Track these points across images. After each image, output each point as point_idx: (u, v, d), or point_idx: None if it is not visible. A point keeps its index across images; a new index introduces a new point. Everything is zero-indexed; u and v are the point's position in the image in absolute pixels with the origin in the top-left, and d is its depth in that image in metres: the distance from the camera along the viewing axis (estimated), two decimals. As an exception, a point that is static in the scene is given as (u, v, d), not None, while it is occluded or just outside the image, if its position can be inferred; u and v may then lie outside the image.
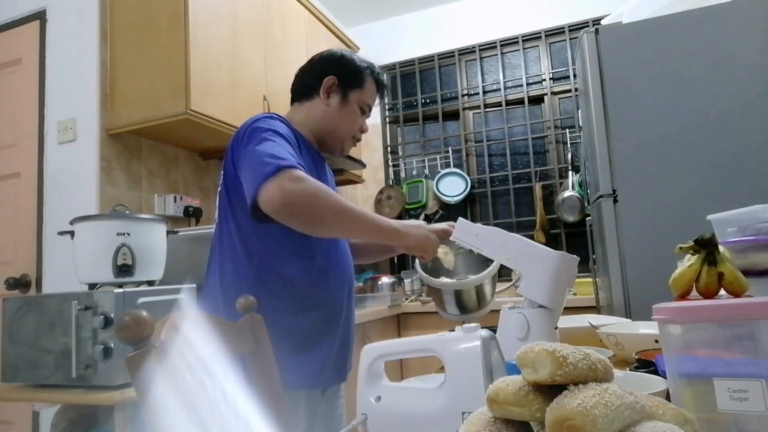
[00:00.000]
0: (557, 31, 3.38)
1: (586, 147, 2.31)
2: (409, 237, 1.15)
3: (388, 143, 3.76)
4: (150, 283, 1.54)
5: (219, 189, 1.21)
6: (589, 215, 2.44)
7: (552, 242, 3.21)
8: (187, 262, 1.83)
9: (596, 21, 3.12)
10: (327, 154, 1.34)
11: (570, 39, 3.31)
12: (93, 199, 1.93)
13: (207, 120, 1.97)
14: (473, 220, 3.54)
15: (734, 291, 0.66)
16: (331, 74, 1.26)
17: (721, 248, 0.68)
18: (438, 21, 3.70)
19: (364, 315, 2.47)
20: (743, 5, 1.92)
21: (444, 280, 1.21)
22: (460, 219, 1.14)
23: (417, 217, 3.50)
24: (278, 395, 0.90)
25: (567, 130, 3.27)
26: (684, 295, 0.69)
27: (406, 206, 3.56)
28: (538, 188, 3.26)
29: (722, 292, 0.67)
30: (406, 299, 3.12)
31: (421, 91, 3.70)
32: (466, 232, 1.10)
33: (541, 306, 0.97)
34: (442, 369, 0.72)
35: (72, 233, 1.49)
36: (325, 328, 1.19)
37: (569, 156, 3.19)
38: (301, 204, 1.00)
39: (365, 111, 1.30)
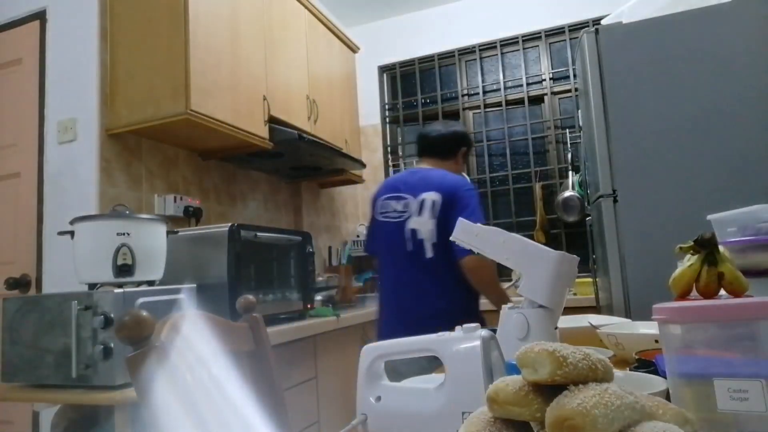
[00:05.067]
0: (557, 31, 3.38)
1: (586, 147, 2.31)
2: None
3: (388, 143, 3.75)
4: (150, 283, 1.54)
5: (433, 229, 1.75)
6: (589, 215, 2.44)
7: (552, 242, 3.21)
8: (187, 262, 1.84)
9: (596, 21, 3.12)
10: None
11: (570, 39, 3.31)
12: (93, 199, 1.93)
13: (207, 120, 1.97)
14: (473, 220, 3.50)
15: (734, 291, 0.66)
16: (464, 146, 1.98)
17: (721, 248, 0.68)
18: (438, 21, 3.70)
19: (363, 315, 2.47)
20: (743, 5, 1.92)
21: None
22: (460, 219, 1.14)
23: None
24: (278, 395, 0.90)
25: (567, 130, 3.27)
26: (684, 295, 0.69)
27: (406, 206, 3.56)
28: (538, 188, 3.26)
29: (722, 292, 0.67)
30: (406, 299, 3.12)
31: (421, 91, 3.70)
32: (466, 232, 1.10)
33: (541, 306, 0.96)
34: (442, 369, 0.72)
35: (72, 233, 1.49)
36: None
37: (569, 156, 3.19)
38: (486, 281, 1.76)
39: None
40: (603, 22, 2.22)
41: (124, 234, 1.46)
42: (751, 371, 0.48)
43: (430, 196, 1.76)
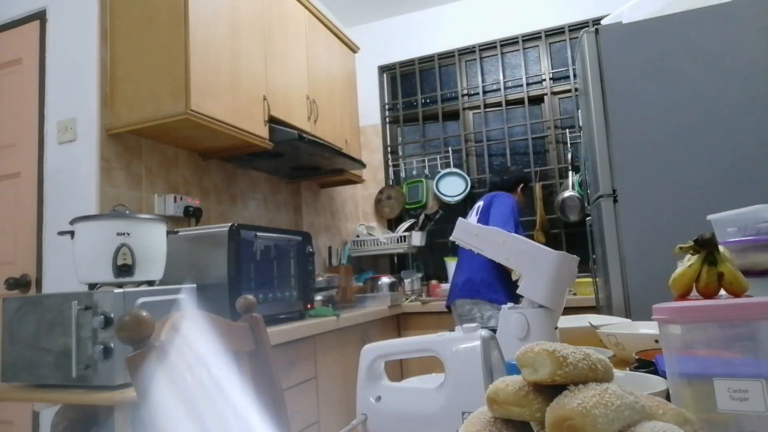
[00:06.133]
0: (557, 31, 3.38)
1: (586, 147, 2.31)
2: None
3: (388, 143, 3.76)
4: (150, 283, 1.54)
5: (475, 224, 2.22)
6: (589, 215, 2.44)
7: (552, 242, 3.21)
8: (187, 262, 1.84)
9: (596, 21, 3.12)
10: None
11: (570, 39, 3.32)
12: (93, 199, 1.93)
13: (207, 120, 1.97)
14: (473, 220, 3.51)
15: (734, 291, 0.66)
16: (523, 182, 2.72)
17: (721, 248, 0.68)
18: (438, 21, 3.70)
19: (364, 315, 2.47)
20: (743, 5, 1.92)
21: None
22: (460, 219, 1.14)
23: (417, 216, 3.50)
24: (278, 395, 0.90)
25: (567, 130, 3.27)
26: (684, 295, 0.69)
27: (406, 206, 3.56)
28: (538, 188, 3.26)
29: (722, 292, 0.67)
30: (406, 299, 3.12)
31: (421, 91, 3.70)
32: (466, 232, 1.10)
33: (541, 306, 0.97)
34: (442, 369, 0.72)
35: (72, 233, 1.49)
36: None
37: (569, 156, 3.20)
38: None
39: None
40: (603, 22, 2.22)
41: (124, 234, 1.46)
42: (751, 371, 0.48)
43: (479, 204, 2.60)
